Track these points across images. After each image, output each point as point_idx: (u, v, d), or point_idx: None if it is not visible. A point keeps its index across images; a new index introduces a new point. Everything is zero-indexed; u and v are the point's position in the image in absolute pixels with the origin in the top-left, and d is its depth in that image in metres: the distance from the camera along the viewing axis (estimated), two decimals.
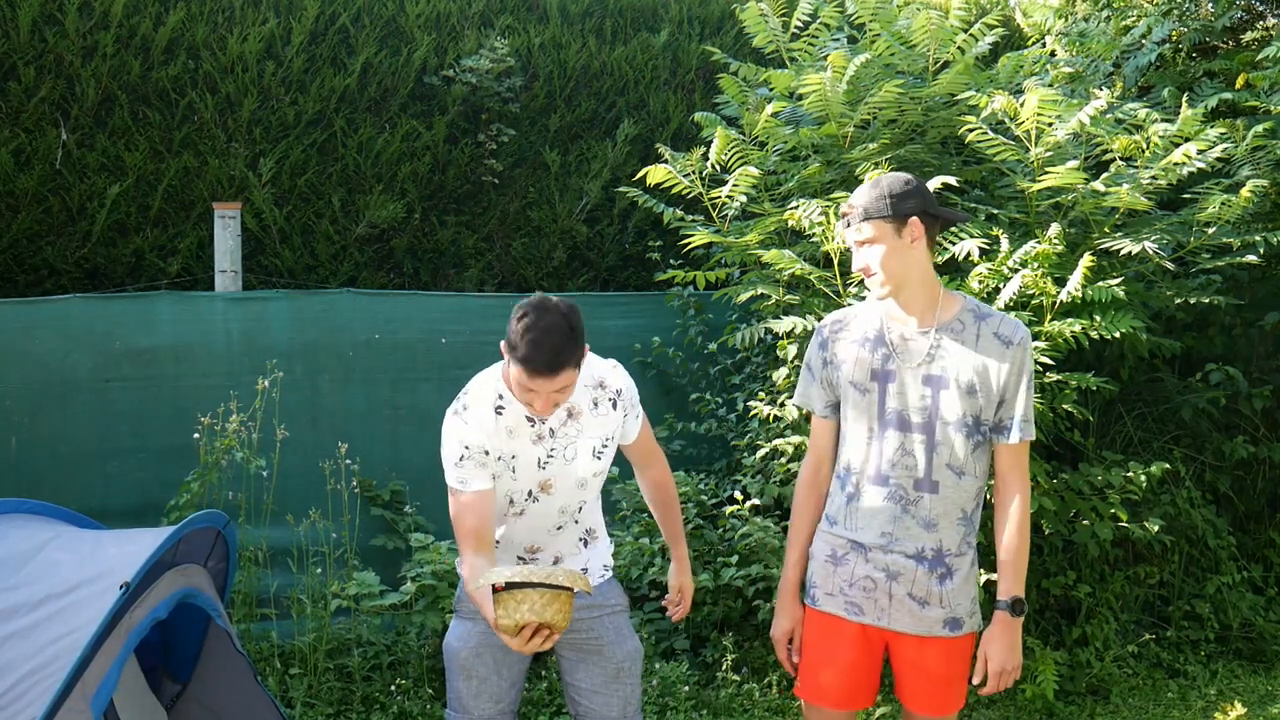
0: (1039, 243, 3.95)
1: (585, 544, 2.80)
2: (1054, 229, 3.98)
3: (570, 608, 2.39)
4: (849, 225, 2.67)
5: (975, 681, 2.68)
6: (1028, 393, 2.65)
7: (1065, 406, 4.13)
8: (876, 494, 2.67)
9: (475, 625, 2.69)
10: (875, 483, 2.67)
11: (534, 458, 2.62)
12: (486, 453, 2.58)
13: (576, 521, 2.74)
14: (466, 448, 2.56)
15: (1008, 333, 2.64)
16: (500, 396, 2.61)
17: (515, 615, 2.34)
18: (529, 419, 2.60)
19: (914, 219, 2.60)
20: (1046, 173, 4.05)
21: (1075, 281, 3.87)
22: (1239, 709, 3.63)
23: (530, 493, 2.65)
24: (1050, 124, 4.02)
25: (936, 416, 2.63)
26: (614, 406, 2.69)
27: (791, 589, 2.82)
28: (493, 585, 2.38)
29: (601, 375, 2.70)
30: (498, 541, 2.67)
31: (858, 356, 2.71)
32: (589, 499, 2.74)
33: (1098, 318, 3.96)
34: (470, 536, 2.56)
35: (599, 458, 2.68)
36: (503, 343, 2.51)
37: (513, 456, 2.60)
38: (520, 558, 2.71)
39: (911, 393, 2.64)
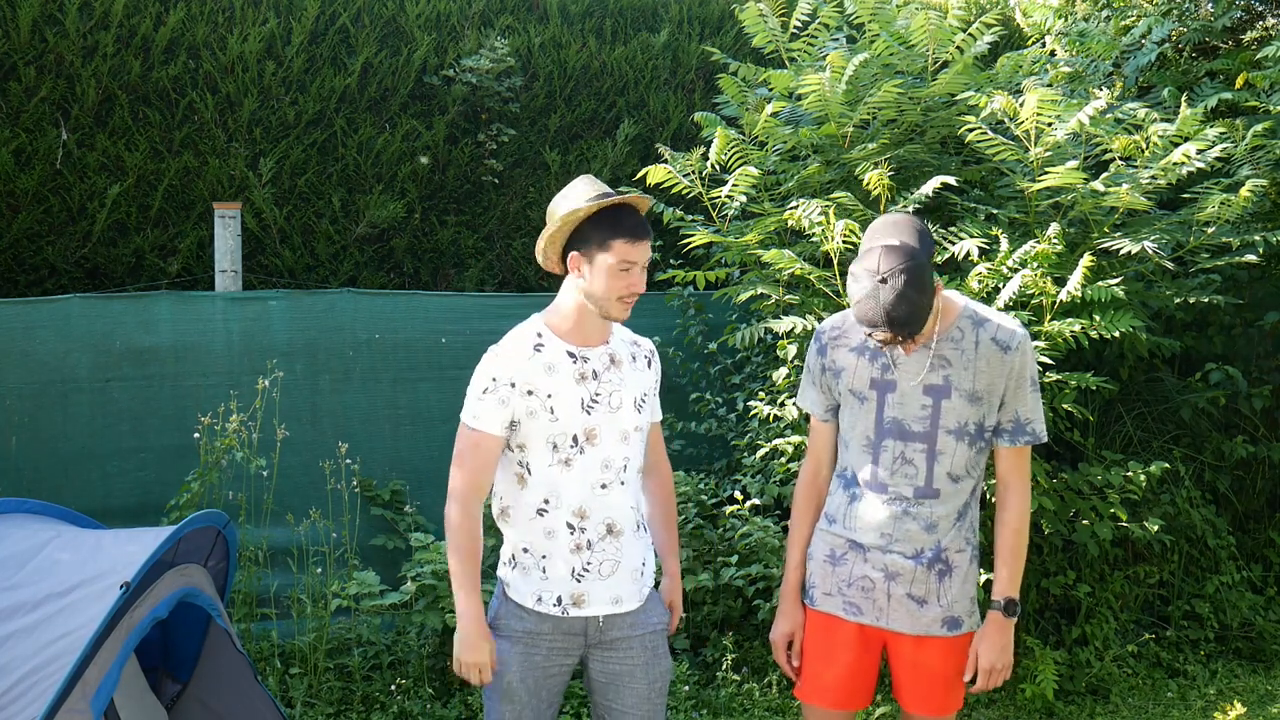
0: (1039, 242, 3.95)
1: (639, 527, 2.71)
2: (1053, 229, 3.98)
3: None
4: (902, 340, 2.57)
5: (965, 679, 2.69)
6: (1032, 396, 2.65)
7: (1065, 406, 4.13)
8: (876, 498, 2.67)
9: (513, 646, 2.64)
10: (874, 489, 2.67)
11: (576, 398, 2.60)
12: (513, 385, 2.56)
13: (623, 483, 2.66)
14: (494, 379, 2.57)
15: (1005, 338, 2.63)
16: (539, 335, 2.64)
17: None
18: (570, 354, 2.62)
19: (935, 278, 2.57)
20: (1046, 173, 4.05)
21: (1075, 281, 3.87)
22: (1238, 709, 3.64)
23: (575, 439, 2.59)
24: (1050, 124, 4.02)
25: (938, 426, 2.62)
26: (648, 365, 2.79)
27: (793, 592, 2.81)
28: None
29: (635, 337, 2.83)
30: (547, 500, 2.61)
31: (857, 365, 2.70)
32: (632, 456, 2.68)
33: (1097, 317, 3.96)
34: (466, 478, 2.57)
35: (639, 410, 2.70)
36: (574, 254, 2.60)
37: (548, 395, 2.58)
38: (569, 524, 2.60)
39: (912, 403, 2.64)
